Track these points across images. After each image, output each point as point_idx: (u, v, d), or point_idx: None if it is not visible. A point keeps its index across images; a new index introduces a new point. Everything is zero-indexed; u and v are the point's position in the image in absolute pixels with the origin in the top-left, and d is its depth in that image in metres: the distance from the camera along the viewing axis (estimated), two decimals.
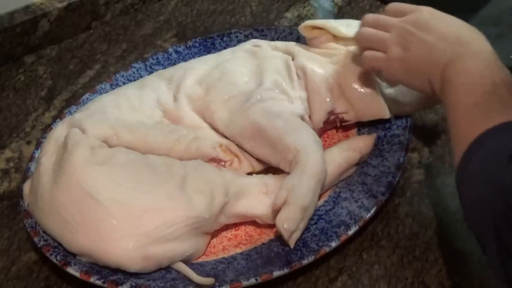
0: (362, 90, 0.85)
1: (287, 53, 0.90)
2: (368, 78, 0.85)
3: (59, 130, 0.82)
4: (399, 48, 0.76)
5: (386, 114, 0.85)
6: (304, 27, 0.91)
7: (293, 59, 0.89)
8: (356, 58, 0.87)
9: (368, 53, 0.80)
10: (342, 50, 0.88)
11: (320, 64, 0.87)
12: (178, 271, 0.75)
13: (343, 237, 0.75)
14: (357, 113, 0.86)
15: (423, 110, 0.90)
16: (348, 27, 0.90)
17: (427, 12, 0.77)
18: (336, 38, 0.90)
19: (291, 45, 0.92)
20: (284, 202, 0.74)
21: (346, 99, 0.86)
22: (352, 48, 0.88)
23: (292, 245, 0.74)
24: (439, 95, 0.72)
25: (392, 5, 0.81)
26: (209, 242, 0.79)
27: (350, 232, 0.75)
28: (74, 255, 0.76)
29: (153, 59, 1.01)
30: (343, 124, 0.89)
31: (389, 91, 0.85)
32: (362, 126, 0.88)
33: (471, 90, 0.67)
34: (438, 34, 0.74)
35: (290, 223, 0.73)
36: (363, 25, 0.82)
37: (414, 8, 0.78)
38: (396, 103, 0.86)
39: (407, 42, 0.75)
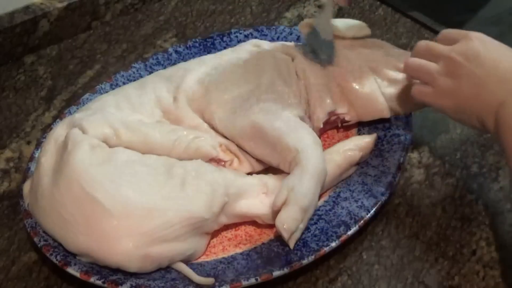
0: (362, 90, 0.85)
1: (287, 53, 0.90)
2: (368, 77, 0.85)
3: (59, 130, 0.82)
4: (447, 82, 0.73)
5: (386, 113, 0.85)
6: (302, 26, 0.91)
7: (292, 60, 0.89)
8: (356, 58, 0.87)
9: (415, 88, 0.77)
10: (342, 51, 0.88)
11: (320, 64, 0.87)
12: (178, 271, 0.75)
13: (343, 237, 0.75)
14: (358, 113, 0.87)
15: (423, 108, 0.89)
16: (346, 26, 0.90)
17: (478, 41, 0.73)
18: (335, 37, 0.90)
19: (291, 45, 0.92)
20: (284, 202, 0.74)
21: (346, 100, 0.86)
22: (351, 48, 0.88)
23: (292, 245, 0.74)
24: (493, 135, 0.70)
25: (444, 32, 0.78)
26: (209, 242, 0.79)
27: (350, 232, 0.75)
28: (74, 255, 0.76)
29: (153, 59, 1.01)
30: (344, 124, 0.89)
31: (389, 90, 0.85)
32: (362, 126, 0.88)
33: None
34: (489, 67, 0.70)
35: (290, 223, 0.73)
36: (414, 54, 0.78)
37: (463, 35, 0.74)
38: (397, 102, 0.86)
39: (455, 75, 0.72)
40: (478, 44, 0.73)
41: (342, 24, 0.91)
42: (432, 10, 1.09)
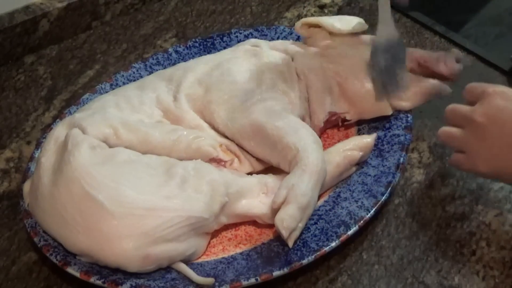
0: (362, 88, 0.85)
1: (286, 53, 0.90)
2: (367, 75, 0.85)
3: (59, 130, 0.82)
4: (476, 146, 0.71)
5: (388, 111, 0.85)
6: (300, 26, 0.91)
7: (292, 59, 0.89)
8: (355, 57, 0.87)
9: (451, 158, 0.76)
10: (340, 49, 0.88)
11: (319, 64, 0.88)
12: (178, 271, 0.75)
13: (343, 237, 0.75)
14: (359, 112, 0.87)
15: (423, 104, 0.89)
16: (343, 22, 0.90)
17: (499, 97, 0.70)
18: (333, 35, 0.90)
19: (290, 45, 0.92)
20: (283, 201, 0.74)
21: (346, 99, 0.86)
22: (349, 45, 0.88)
23: (291, 244, 0.74)
24: None
25: (467, 87, 0.74)
26: (209, 242, 0.79)
27: (350, 232, 0.75)
28: (74, 255, 0.76)
29: (153, 59, 1.01)
30: (345, 123, 0.89)
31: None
32: (362, 126, 0.89)
33: None
34: None
35: (289, 222, 0.73)
36: (445, 120, 0.76)
37: (483, 91, 0.71)
38: (396, 99, 0.85)
39: (482, 138, 0.70)
40: (500, 100, 0.70)
41: (339, 20, 0.91)
42: (432, 10, 1.09)
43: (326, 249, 0.74)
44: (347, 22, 0.90)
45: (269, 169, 0.82)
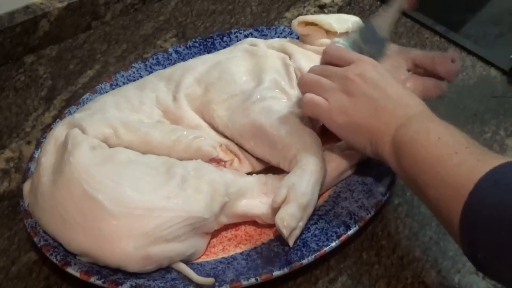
0: None
1: (284, 51, 0.90)
2: None
3: (59, 130, 0.82)
4: (343, 98, 0.73)
5: None
6: (297, 24, 0.91)
7: (290, 58, 0.89)
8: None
9: (308, 96, 0.75)
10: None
11: (317, 62, 0.87)
12: (178, 271, 0.75)
13: (343, 237, 0.75)
14: None
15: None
16: (340, 21, 0.90)
17: (371, 65, 0.74)
18: (329, 33, 0.90)
19: (287, 43, 0.92)
20: (283, 200, 0.74)
21: None
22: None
23: (291, 243, 0.74)
24: (382, 158, 0.71)
25: (331, 50, 0.78)
26: (209, 242, 0.79)
27: (350, 232, 0.75)
28: (74, 255, 0.76)
29: (153, 59, 1.01)
30: None
31: None
32: None
33: (448, 143, 0.64)
34: (385, 92, 0.71)
35: (289, 221, 0.73)
36: (312, 70, 0.78)
37: (356, 58, 0.75)
38: None
39: (351, 93, 0.72)
40: (372, 68, 0.73)
41: (336, 19, 0.91)
42: (432, 10, 1.09)
43: (326, 249, 0.74)
44: (344, 21, 0.90)
45: (269, 169, 0.82)
